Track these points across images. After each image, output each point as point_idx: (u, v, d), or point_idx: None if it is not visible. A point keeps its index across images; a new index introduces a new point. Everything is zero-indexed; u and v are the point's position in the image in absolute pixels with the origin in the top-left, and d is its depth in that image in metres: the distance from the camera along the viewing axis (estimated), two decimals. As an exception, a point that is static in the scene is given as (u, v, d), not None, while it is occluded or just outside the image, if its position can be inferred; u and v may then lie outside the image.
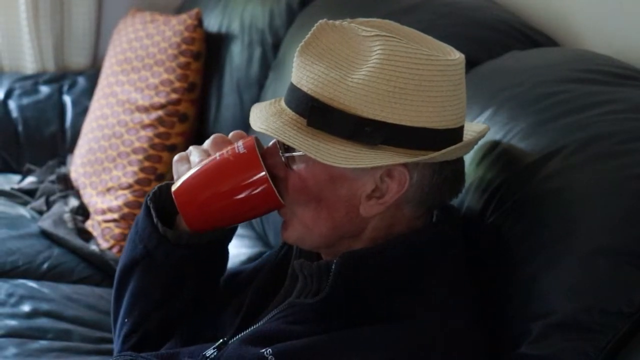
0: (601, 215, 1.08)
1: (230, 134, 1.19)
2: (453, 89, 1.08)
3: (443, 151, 1.07)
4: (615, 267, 1.04)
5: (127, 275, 1.25)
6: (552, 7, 1.75)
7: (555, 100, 1.25)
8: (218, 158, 1.14)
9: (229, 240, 1.26)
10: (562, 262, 1.07)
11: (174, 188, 1.15)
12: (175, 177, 1.19)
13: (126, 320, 1.25)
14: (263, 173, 1.10)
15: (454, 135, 1.10)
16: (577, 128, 1.18)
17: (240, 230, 2.00)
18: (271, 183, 1.10)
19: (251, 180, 1.11)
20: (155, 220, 1.21)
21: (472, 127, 1.18)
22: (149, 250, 1.21)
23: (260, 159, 1.10)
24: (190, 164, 1.17)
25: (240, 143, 1.14)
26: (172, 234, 1.20)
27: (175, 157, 1.20)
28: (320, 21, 1.11)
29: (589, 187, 1.11)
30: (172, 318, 1.25)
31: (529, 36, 1.67)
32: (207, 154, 1.17)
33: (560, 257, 1.08)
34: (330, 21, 1.11)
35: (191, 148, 1.19)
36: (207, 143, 1.19)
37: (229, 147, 1.14)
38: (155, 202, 1.22)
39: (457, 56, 1.09)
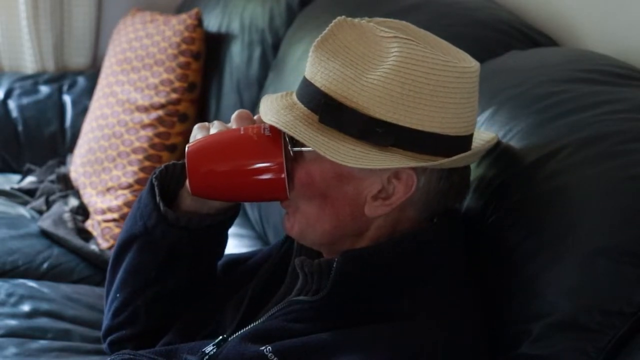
0: (601, 215, 1.07)
1: (256, 116, 1.18)
2: (467, 97, 1.07)
3: (452, 158, 1.07)
4: (615, 267, 1.03)
5: (125, 250, 1.25)
6: (552, 7, 1.75)
7: (555, 100, 1.25)
8: (242, 132, 1.12)
9: (229, 226, 1.27)
10: (562, 262, 1.07)
11: (188, 146, 1.13)
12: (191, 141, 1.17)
13: (118, 295, 1.26)
14: (281, 162, 1.09)
15: (464, 142, 1.10)
16: (577, 128, 1.18)
17: (240, 230, 2.00)
18: (286, 175, 1.09)
19: (267, 165, 1.09)
20: (157, 198, 1.21)
21: (480, 135, 1.18)
22: (148, 228, 1.22)
23: (283, 147, 1.09)
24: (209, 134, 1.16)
25: (267, 125, 1.11)
26: (172, 214, 1.21)
27: (197, 125, 1.19)
28: (339, 18, 1.11)
29: (589, 187, 1.11)
30: (164, 298, 1.25)
31: (529, 36, 1.67)
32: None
33: (560, 257, 1.08)
34: (349, 19, 1.10)
35: (216, 122, 1.18)
36: (231, 119, 1.17)
37: (254, 126, 1.13)
38: (160, 180, 1.22)
39: (473, 64, 1.09)
